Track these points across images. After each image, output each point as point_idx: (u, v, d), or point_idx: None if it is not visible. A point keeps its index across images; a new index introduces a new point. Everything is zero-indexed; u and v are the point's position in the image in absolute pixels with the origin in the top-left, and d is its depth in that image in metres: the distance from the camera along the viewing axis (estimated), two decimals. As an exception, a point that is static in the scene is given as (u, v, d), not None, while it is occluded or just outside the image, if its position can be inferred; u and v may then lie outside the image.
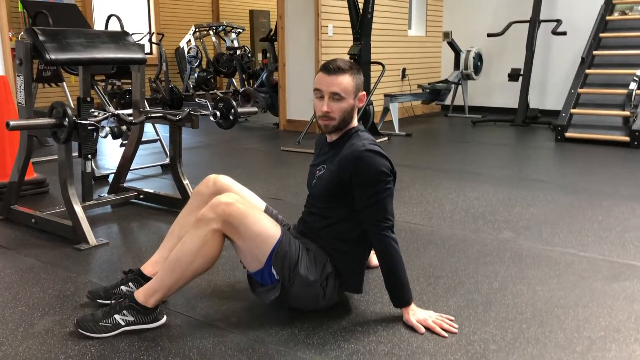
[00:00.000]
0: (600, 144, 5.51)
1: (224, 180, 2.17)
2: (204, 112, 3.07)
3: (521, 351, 1.81)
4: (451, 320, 1.98)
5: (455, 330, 1.92)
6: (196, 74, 8.69)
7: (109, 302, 2.05)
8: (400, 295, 1.98)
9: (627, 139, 5.40)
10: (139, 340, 1.87)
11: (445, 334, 1.89)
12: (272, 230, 1.93)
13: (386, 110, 6.34)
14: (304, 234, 2.10)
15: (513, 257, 2.60)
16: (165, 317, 1.99)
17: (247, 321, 2.01)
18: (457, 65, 7.60)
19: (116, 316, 1.91)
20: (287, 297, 1.98)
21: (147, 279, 2.08)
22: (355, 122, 2.06)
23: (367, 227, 1.97)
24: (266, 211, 2.13)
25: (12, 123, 2.51)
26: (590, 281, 2.34)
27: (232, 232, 1.88)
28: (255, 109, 3.43)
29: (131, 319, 1.91)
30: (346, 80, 1.95)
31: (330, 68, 1.95)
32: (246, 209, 1.90)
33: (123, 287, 2.12)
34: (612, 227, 3.02)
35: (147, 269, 2.14)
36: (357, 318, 2.02)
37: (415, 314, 1.97)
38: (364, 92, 2.03)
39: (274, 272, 1.93)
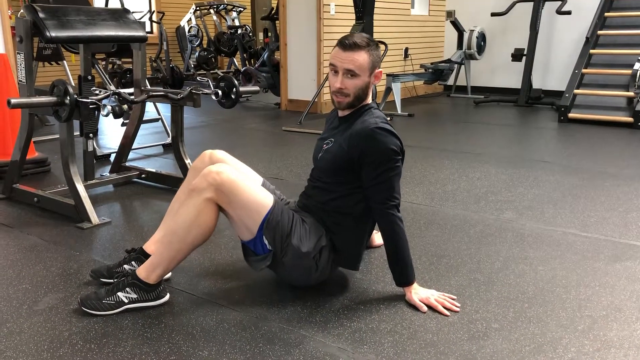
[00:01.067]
0: (604, 124, 5.48)
1: (220, 154, 2.17)
2: (206, 91, 3.05)
3: (523, 330, 1.81)
4: (453, 299, 1.98)
5: (457, 309, 1.93)
6: (197, 53, 8.64)
7: (112, 280, 2.06)
8: (403, 274, 1.98)
9: (630, 119, 5.37)
10: (142, 318, 1.88)
11: (447, 313, 1.90)
12: (263, 199, 1.93)
13: (388, 90, 6.31)
14: (305, 207, 2.10)
15: (515, 237, 2.60)
16: (168, 295, 1.99)
17: (249, 299, 2.01)
18: (460, 45, 7.53)
19: (119, 294, 1.92)
20: (280, 268, 1.99)
21: (149, 257, 2.08)
22: (369, 99, 2.04)
23: (373, 204, 1.96)
24: (263, 185, 2.13)
25: (13, 101, 2.50)
26: (593, 261, 2.35)
27: (223, 201, 1.87)
28: (256, 88, 3.41)
29: (134, 296, 1.92)
30: (362, 57, 1.93)
31: (346, 44, 1.92)
32: (237, 177, 1.90)
33: (126, 266, 2.13)
34: (614, 208, 3.01)
35: (149, 247, 2.15)
36: (360, 297, 2.03)
37: (418, 292, 1.97)
38: (380, 70, 2.00)
39: (266, 242, 1.93)
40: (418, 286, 2.00)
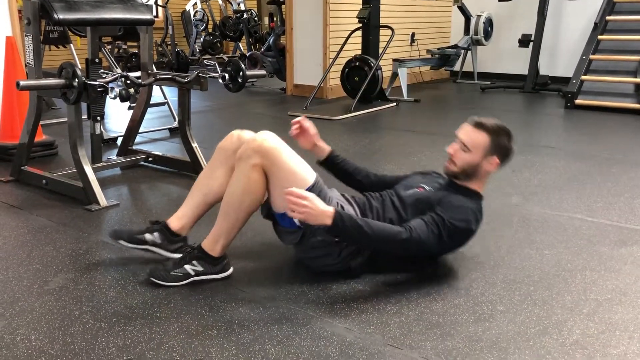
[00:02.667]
0: (611, 111, 5.45)
1: (248, 135, 2.15)
2: (213, 74, 3.05)
3: (528, 312, 1.83)
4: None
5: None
6: (202, 38, 8.62)
7: (130, 245, 2.11)
8: (347, 232, 1.87)
9: (638, 106, 5.34)
10: (151, 298, 1.91)
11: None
12: (306, 174, 1.96)
13: (395, 75, 6.28)
14: (359, 202, 2.12)
15: (521, 221, 2.61)
16: (231, 269, 2.04)
17: (258, 281, 2.04)
18: (467, 31, 7.48)
19: (186, 266, 1.97)
20: (302, 246, 2.02)
21: (172, 232, 2.12)
22: (477, 186, 2.11)
23: (408, 221, 1.99)
24: None
25: (22, 83, 2.51)
26: (598, 246, 2.36)
27: (268, 166, 1.90)
28: (263, 72, 3.41)
29: (200, 269, 1.97)
30: (480, 137, 2.03)
31: (475, 121, 2.06)
32: (281, 145, 1.94)
33: (147, 235, 2.14)
34: (621, 193, 3.01)
35: (172, 223, 2.16)
36: (366, 279, 2.05)
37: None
38: (497, 160, 2.06)
39: (297, 219, 1.91)
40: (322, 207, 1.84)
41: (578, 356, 1.60)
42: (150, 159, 3.54)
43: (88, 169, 2.82)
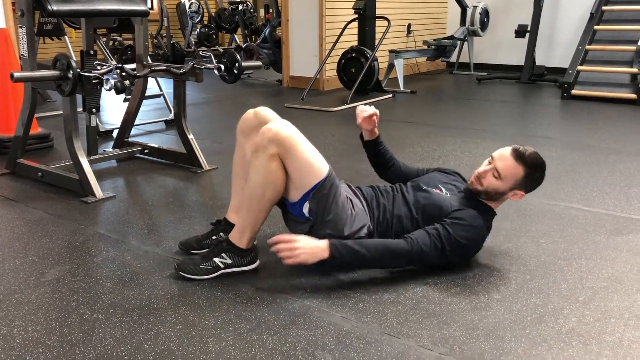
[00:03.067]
0: (607, 101, 5.45)
1: (265, 112, 2.14)
2: (208, 65, 3.04)
3: (524, 301, 1.84)
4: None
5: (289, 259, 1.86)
6: (198, 30, 8.57)
7: (202, 251, 2.10)
8: (349, 254, 1.88)
9: (634, 96, 5.35)
10: (149, 289, 1.91)
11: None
12: (320, 165, 1.94)
13: (391, 66, 6.27)
14: (367, 197, 2.11)
15: (517, 211, 2.62)
16: (258, 261, 2.04)
17: (254, 272, 2.03)
18: (463, 21, 7.46)
19: (215, 259, 1.97)
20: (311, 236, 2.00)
21: (234, 225, 2.10)
22: (495, 206, 2.11)
23: (421, 226, 2.01)
24: None
25: (16, 75, 2.50)
26: (594, 235, 2.36)
27: (284, 155, 1.88)
28: (259, 63, 3.40)
29: (229, 261, 1.97)
30: (515, 169, 2.00)
31: (516, 151, 2.01)
32: (296, 134, 1.92)
33: (214, 238, 2.17)
34: (616, 183, 3.02)
35: (231, 217, 2.17)
36: (362, 271, 2.04)
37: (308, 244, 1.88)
38: (523, 194, 2.05)
39: (305, 210, 1.93)
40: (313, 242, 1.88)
41: (574, 343, 1.60)
42: (146, 151, 3.53)
43: (84, 161, 2.81)
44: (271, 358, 1.54)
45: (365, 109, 2.24)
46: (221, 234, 2.16)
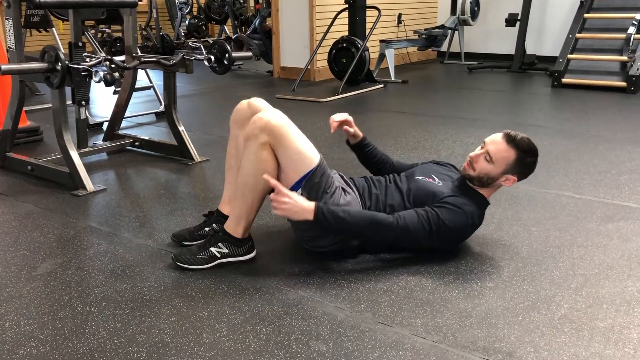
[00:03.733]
0: (597, 89, 5.48)
1: (258, 102, 2.14)
2: (198, 56, 3.02)
3: (517, 288, 1.85)
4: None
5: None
6: (187, 21, 8.51)
7: (195, 243, 2.10)
8: (335, 219, 1.88)
9: (624, 84, 5.37)
10: (141, 281, 1.90)
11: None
12: (311, 154, 1.93)
13: (382, 56, 6.26)
14: (360, 188, 2.11)
15: (509, 199, 2.63)
16: (255, 251, 2.04)
17: (247, 263, 2.03)
18: (453, 10, 7.45)
19: (212, 249, 1.97)
20: (302, 227, 2.01)
21: (227, 217, 2.09)
22: (488, 194, 2.10)
23: (408, 208, 2.02)
24: None
25: (4, 67, 2.46)
26: (585, 222, 2.38)
27: (275, 144, 1.88)
28: (249, 53, 3.38)
29: (226, 251, 1.98)
30: (506, 152, 2.00)
31: (508, 134, 2.02)
32: (287, 122, 1.92)
33: (207, 229, 2.16)
34: (607, 170, 3.04)
35: (224, 208, 2.17)
36: (356, 259, 2.05)
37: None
38: (515, 178, 2.04)
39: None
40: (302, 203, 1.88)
41: (566, 330, 1.62)
42: (136, 143, 3.51)
43: (74, 154, 2.78)
44: (265, 348, 1.54)
45: (335, 117, 2.23)
46: (214, 225, 2.16)
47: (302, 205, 1.85)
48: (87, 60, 2.75)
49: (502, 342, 1.56)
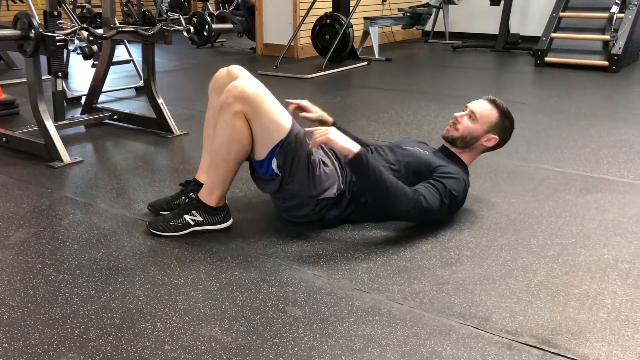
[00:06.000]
0: (580, 68, 5.48)
1: (237, 70, 2.12)
2: (177, 27, 2.96)
3: (494, 257, 1.85)
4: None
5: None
6: (169, -3, 8.36)
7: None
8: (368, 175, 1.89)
9: (606, 63, 5.38)
10: (117, 250, 1.88)
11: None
12: (284, 121, 1.90)
13: (366, 34, 6.20)
14: (341, 156, 2.08)
15: (489, 172, 2.63)
16: (231, 220, 2.02)
17: (225, 232, 2.01)
18: (438, -11, 7.40)
19: (185, 216, 1.96)
20: (281, 195, 2.00)
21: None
22: (468, 161, 2.18)
23: (417, 183, 2.01)
24: None
25: (-26, 34, 2.39)
26: (564, 194, 2.39)
27: (250, 113, 1.85)
28: (230, 25, 3.34)
29: (200, 219, 1.96)
30: (489, 112, 2.12)
31: (489, 97, 2.17)
32: (262, 91, 1.90)
33: (184, 198, 2.13)
34: (587, 145, 3.05)
35: (201, 177, 2.14)
36: (335, 229, 2.04)
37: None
38: (496, 137, 2.13)
39: (274, 165, 1.91)
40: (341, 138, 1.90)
41: (542, 296, 1.62)
42: (115, 116, 3.45)
43: (49, 125, 2.73)
44: (241, 314, 1.53)
45: (288, 102, 2.17)
46: (191, 194, 2.12)
47: (349, 142, 1.88)
48: (63, 28, 2.68)
49: (478, 307, 1.57)
